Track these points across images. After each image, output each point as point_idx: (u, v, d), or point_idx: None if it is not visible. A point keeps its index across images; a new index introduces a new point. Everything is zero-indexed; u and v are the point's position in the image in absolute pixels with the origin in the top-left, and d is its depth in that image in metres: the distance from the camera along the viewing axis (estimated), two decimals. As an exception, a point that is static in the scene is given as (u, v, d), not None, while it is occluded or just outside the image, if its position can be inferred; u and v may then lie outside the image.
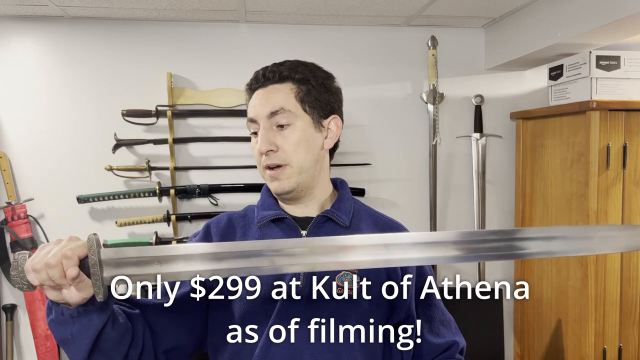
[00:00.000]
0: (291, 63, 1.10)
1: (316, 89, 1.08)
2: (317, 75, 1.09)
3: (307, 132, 1.07)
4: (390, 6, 1.85)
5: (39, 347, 1.94)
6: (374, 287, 1.05)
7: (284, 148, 1.05)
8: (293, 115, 1.06)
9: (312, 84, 1.08)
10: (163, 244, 2.01)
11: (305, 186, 1.09)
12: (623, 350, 1.70)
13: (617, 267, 1.69)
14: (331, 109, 1.10)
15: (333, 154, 1.16)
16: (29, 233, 1.96)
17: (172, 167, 2.00)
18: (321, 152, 1.09)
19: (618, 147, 1.67)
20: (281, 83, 1.07)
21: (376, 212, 1.21)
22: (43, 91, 1.98)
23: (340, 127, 1.12)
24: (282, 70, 1.08)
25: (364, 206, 1.20)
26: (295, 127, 1.06)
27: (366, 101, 2.14)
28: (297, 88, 1.07)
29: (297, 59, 1.12)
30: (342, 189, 1.18)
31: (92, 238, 0.83)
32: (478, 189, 2.16)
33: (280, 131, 1.06)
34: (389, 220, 1.19)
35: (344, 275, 1.05)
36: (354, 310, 1.05)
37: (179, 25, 2.03)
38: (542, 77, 2.18)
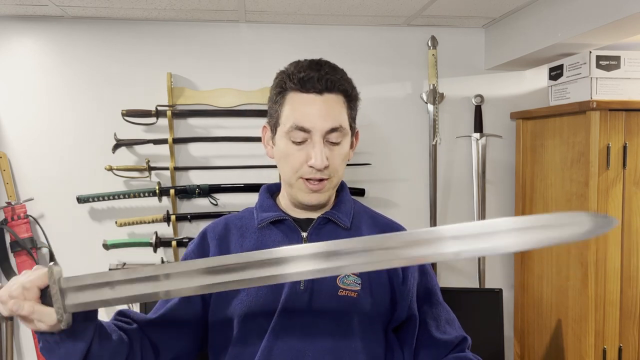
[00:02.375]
0: (336, 71, 1.07)
1: (356, 104, 1.10)
2: (355, 89, 1.11)
3: (347, 147, 1.09)
4: (390, 6, 1.85)
5: (38, 347, 1.93)
6: (375, 288, 1.06)
7: (333, 164, 1.04)
8: (346, 132, 1.06)
9: (356, 99, 1.10)
10: (163, 244, 2.01)
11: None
12: (623, 350, 1.70)
13: (617, 267, 1.69)
14: (354, 120, 1.12)
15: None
16: (28, 233, 1.96)
17: (172, 167, 2.00)
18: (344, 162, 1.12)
19: (618, 147, 1.67)
20: (336, 94, 1.04)
21: (376, 213, 1.21)
22: (43, 91, 1.98)
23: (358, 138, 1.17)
24: (338, 81, 1.04)
25: (364, 207, 1.21)
26: (344, 143, 1.06)
27: (366, 101, 2.12)
28: (347, 103, 1.06)
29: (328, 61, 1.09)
30: (342, 190, 1.18)
31: (51, 268, 0.83)
32: (478, 189, 2.16)
33: (332, 147, 1.04)
34: (389, 222, 1.20)
35: (345, 276, 1.05)
36: (355, 312, 1.05)
37: (179, 25, 2.03)
38: (542, 77, 2.18)
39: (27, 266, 1.94)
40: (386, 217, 1.21)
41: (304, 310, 1.03)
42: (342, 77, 1.07)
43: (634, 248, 1.70)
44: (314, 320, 1.03)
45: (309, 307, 1.04)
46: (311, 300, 1.03)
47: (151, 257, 2.04)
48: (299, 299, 1.04)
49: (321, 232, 1.08)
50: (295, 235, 1.09)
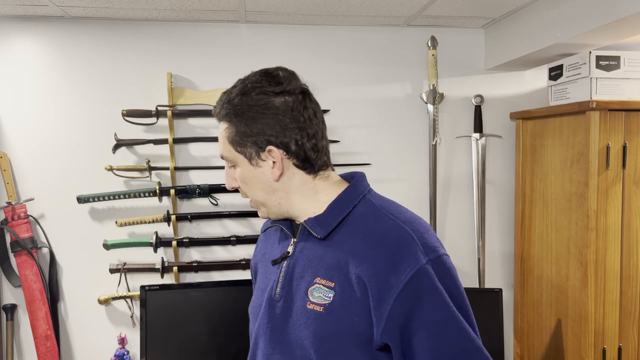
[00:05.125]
0: (225, 94, 1.04)
1: (240, 126, 1.00)
2: (240, 109, 1.00)
3: (247, 171, 1.04)
4: (390, 6, 1.85)
5: (39, 347, 1.94)
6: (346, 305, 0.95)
7: (241, 185, 1.07)
8: (232, 158, 1.05)
9: (234, 121, 1.01)
10: (163, 244, 2.01)
11: (281, 212, 1.07)
12: (623, 350, 1.70)
13: (616, 267, 1.69)
14: (265, 141, 1.00)
15: (307, 164, 1.04)
16: (29, 233, 1.96)
17: (172, 167, 2.00)
18: (274, 183, 1.03)
19: (618, 147, 1.67)
20: (222, 122, 1.04)
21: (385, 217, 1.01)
22: (43, 91, 1.98)
23: (280, 154, 1.01)
24: (222, 107, 1.03)
25: (374, 209, 1.03)
26: (239, 167, 1.05)
27: (366, 101, 2.14)
28: (227, 129, 1.03)
29: (242, 82, 1.03)
30: (346, 189, 1.06)
31: None
32: (478, 189, 2.16)
33: (234, 170, 1.07)
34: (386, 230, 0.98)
35: (316, 287, 0.99)
36: (317, 327, 0.97)
37: (179, 25, 2.03)
38: (542, 77, 2.18)
39: (27, 266, 1.94)
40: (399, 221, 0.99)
41: (278, 318, 1.04)
42: (226, 102, 1.02)
43: (634, 248, 1.70)
44: (284, 330, 1.02)
45: (281, 316, 1.03)
46: (283, 309, 1.03)
47: (151, 257, 2.04)
48: (273, 306, 1.05)
49: (307, 239, 1.05)
50: (288, 241, 1.09)
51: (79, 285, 2.03)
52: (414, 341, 0.90)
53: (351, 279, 0.95)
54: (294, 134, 1.00)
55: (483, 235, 2.17)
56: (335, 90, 2.11)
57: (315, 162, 1.04)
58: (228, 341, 1.82)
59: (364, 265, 0.94)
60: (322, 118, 1.08)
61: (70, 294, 2.03)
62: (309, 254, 1.03)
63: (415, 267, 0.91)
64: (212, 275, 2.08)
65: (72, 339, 2.04)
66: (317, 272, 1.00)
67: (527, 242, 2.08)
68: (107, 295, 2.01)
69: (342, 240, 1.00)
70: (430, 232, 0.99)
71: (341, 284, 0.96)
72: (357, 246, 0.97)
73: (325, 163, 1.07)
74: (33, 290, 1.94)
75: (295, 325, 1.00)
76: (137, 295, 2.00)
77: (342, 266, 0.97)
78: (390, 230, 0.98)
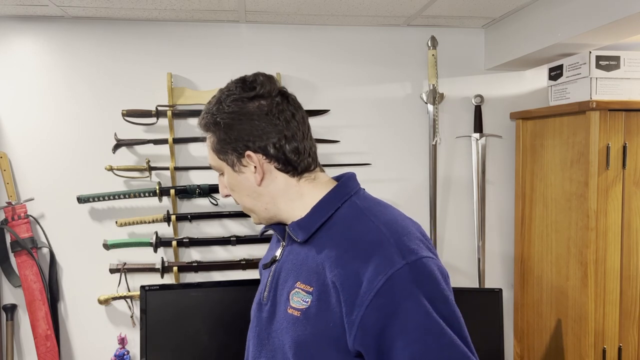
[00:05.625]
0: (206, 105, 1.06)
1: (219, 134, 1.02)
2: (217, 117, 1.01)
3: (232, 177, 1.06)
4: (390, 6, 1.85)
5: (39, 347, 1.94)
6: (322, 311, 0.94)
7: (230, 193, 1.10)
8: (218, 166, 1.07)
9: (213, 130, 1.03)
10: (163, 244, 2.01)
11: (269, 217, 1.08)
12: (623, 350, 1.70)
13: (616, 267, 1.69)
14: (243, 146, 1.00)
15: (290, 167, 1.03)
16: (29, 233, 1.96)
17: (172, 167, 2.00)
18: (258, 188, 1.03)
19: (618, 147, 1.67)
20: (206, 133, 1.07)
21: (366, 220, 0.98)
22: (43, 91, 1.98)
23: (259, 159, 1.01)
24: (203, 118, 1.06)
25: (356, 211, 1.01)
26: (225, 174, 1.07)
27: (366, 101, 2.14)
28: (209, 138, 1.06)
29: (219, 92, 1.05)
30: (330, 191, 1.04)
31: None
32: (478, 189, 2.16)
33: (223, 178, 1.10)
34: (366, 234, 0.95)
35: (296, 292, 0.98)
36: (294, 332, 0.97)
37: (179, 25, 2.03)
38: (542, 77, 2.18)
39: (27, 266, 1.94)
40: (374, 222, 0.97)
41: (264, 322, 1.06)
42: (205, 112, 1.05)
43: (634, 248, 1.70)
44: (269, 334, 1.04)
45: (267, 320, 1.05)
46: (269, 313, 1.04)
47: (151, 257, 2.04)
48: (261, 310, 1.07)
49: (292, 243, 1.07)
50: (279, 244, 1.12)
51: (79, 285, 2.03)
52: (392, 350, 0.87)
53: (328, 284, 0.93)
54: (271, 137, 1.00)
55: (483, 235, 2.17)
56: (335, 90, 2.11)
57: (298, 164, 1.03)
58: (228, 341, 1.82)
59: (337, 269, 0.93)
60: (303, 119, 1.06)
61: (70, 294, 2.03)
62: (293, 258, 1.04)
63: (389, 272, 0.88)
64: (212, 275, 2.08)
65: (72, 339, 2.04)
66: (299, 276, 1.00)
67: (527, 242, 2.08)
68: (107, 295, 2.01)
69: (322, 243, 0.99)
70: (411, 234, 0.95)
71: (319, 289, 0.95)
72: (333, 250, 0.96)
73: (310, 164, 1.05)
74: (33, 290, 1.94)
75: (278, 329, 1.01)
76: (137, 295, 2.00)
77: (320, 271, 0.96)
78: (367, 234, 0.95)
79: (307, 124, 1.07)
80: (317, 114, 2.08)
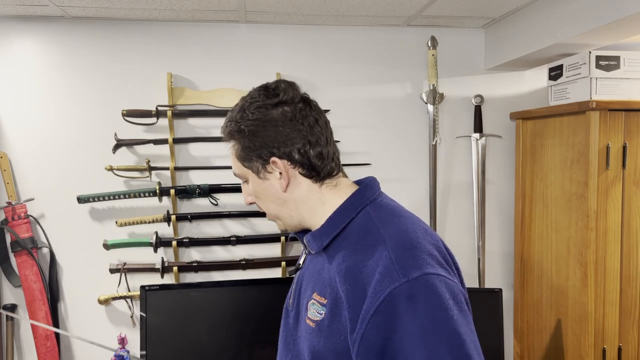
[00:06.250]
0: (229, 113, 1.07)
1: (243, 141, 1.03)
2: (242, 125, 1.02)
3: (257, 184, 1.06)
4: (390, 6, 1.85)
5: (39, 347, 1.94)
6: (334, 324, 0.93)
7: (255, 200, 1.10)
8: (242, 174, 1.08)
9: (237, 137, 1.03)
10: (163, 244, 2.01)
11: (294, 224, 1.09)
12: (622, 350, 1.70)
13: (616, 267, 1.69)
14: (268, 153, 1.01)
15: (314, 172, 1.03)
16: (29, 233, 1.96)
17: (172, 167, 2.00)
18: (283, 194, 1.04)
19: (618, 147, 1.67)
20: (227, 142, 1.08)
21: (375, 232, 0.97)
22: (43, 91, 1.98)
23: (284, 165, 1.01)
24: (226, 127, 1.06)
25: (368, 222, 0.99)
26: (250, 181, 1.07)
27: (366, 101, 2.14)
28: (233, 146, 1.06)
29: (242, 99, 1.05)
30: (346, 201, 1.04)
31: None
32: (478, 189, 2.16)
33: (247, 185, 1.10)
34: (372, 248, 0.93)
35: (312, 303, 0.99)
36: (309, 342, 0.98)
37: (179, 25, 2.03)
38: (542, 77, 2.18)
39: (27, 266, 1.94)
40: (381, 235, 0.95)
41: (291, 327, 1.08)
42: (228, 120, 1.05)
43: (634, 248, 1.70)
44: (295, 340, 1.05)
45: (293, 326, 1.07)
46: (294, 320, 1.07)
47: (151, 257, 2.04)
48: (288, 316, 1.10)
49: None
50: (305, 250, 1.14)
51: (79, 285, 2.03)
52: None
53: (340, 297, 0.93)
54: (295, 143, 1.00)
55: (483, 235, 2.17)
56: (335, 90, 2.11)
57: (321, 169, 1.03)
58: (228, 341, 1.82)
59: (346, 285, 0.92)
60: (326, 125, 1.06)
61: (70, 294, 2.03)
62: (312, 268, 1.05)
63: (388, 289, 0.86)
64: (212, 275, 2.08)
65: (72, 339, 2.04)
66: (315, 286, 1.01)
67: (527, 242, 2.08)
68: (107, 295, 2.01)
69: (336, 255, 0.99)
70: (420, 248, 0.92)
71: (332, 302, 0.95)
72: (344, 263, 0.95)
73: (333, 169, 1.05)
74: (33, 290, 1.94)
75: (300, 336, 1.03)
76: (137, 295, 2.00)
77: (333, 283, 0.96)
78: (374, 248, 0.94)
79: (330, 129, 1.08)
80: (317, 114, 2.08)
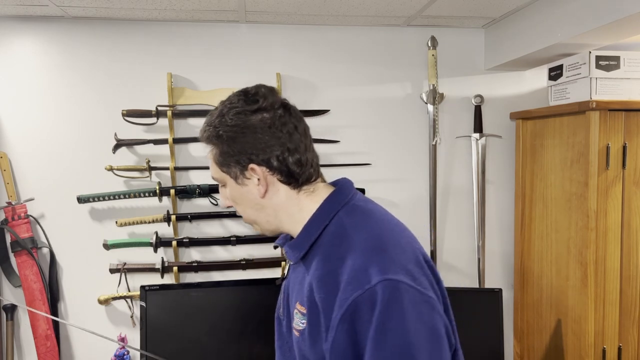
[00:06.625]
0: (208, 117, 1.06)
1: (222, 147, 1.02)
2: (220, 130, 1.01)
3: (235, 190, 1.06)
4: (390, 6, 1.85)
5: (39, 347, 1.94)
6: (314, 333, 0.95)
7: (232, 204, 1.10)
8: (220, 178, 1.07)
9: (215, 142, 1.03)
10: (163, 244, 2.01)
11: (272, 229, 1.09)
12: (622, 350, 1.70)
13: (616, 267, 1.69)
14: (246, 159, 1.00)
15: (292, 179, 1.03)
16: (29, 233, 1.96)
17: (172, 167, 2.00)
18: (261, 200, 1.03)
19: (618, 147, 1.67)
20: (207, 145, 1.07)
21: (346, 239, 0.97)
22: (43, 91, 1.98)
23: (263, 172, 1.01)
24: (204, 131, 1.06)
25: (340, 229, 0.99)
26: (228, 186, 1.07)
27: (366, 101, 2.14)
28: (211, 151, 1.06)
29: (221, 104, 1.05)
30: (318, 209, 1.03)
31: None
32: (478, 189, 2.16)
33: (225, 189, 1.10)
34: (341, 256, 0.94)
35: (295, 312, 1.01)
36: (298, 349, 1.01)
37: (179, 25, 2.03)
38: (542, 77, 2.18)
39: (27, 266, 1.94)
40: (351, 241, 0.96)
41: (285, 335, 1.10)
42: (207, 124, 1.05)
43: (634, 248, 1.70)
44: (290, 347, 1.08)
45: (286, 334, 1.09)
46: (287, 328, 1.08)
47: (151, 257, 2.04)
48: (281, 324, 1.12)
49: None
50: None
51: (79, 285, 2.03)
52: None
53: (317, 305, 0.94)
54: (274, 150, 1.00)
55: (483, 235, 2.17)
56: (335, 90, 2.11)
57: (300, 176, 1.03)
58: (228, 341, 1.82)
59: (320, 294, 0.94)
60: (305, 131, 1.06)
61: (70, 294, 2.03)
62: (295, 277, 1.07)
63: (351, 297, 0.88)
64: (212, 275, 2.08)
65: (72, 339, 2.04)
66: (298, 296, 1.02)
67: (527, 242, 2.08)
68: (107, 295, 2.01)
69: (313, 263, 0.99)
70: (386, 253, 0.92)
71: (310, 311, 0.96)
72: (317, 272, 0.96)
73: (312, 175, 1.05)
74: (33, 290, 1.94)
75: (293, 343, 1.05)
76: (137, 295, 2.00)
77: (310, 292, 0.96)
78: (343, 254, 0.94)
79: (309, 135, 1.07)
80: (317, 114, 2.08)
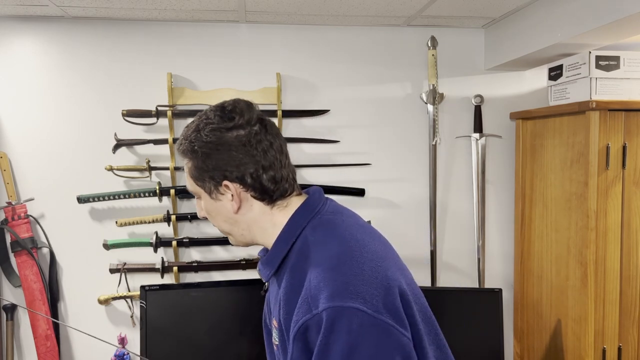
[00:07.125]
0: (185, 129, 1.07)
1: (196, 162, 1.03)
2: (195, 145, 1.02)
3: (210, 204, 1.07)
4: (390, 6, 1.85)
5: (39, 347, 1.94)
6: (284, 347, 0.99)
7: (207, 216, 1.11)
8: (195, 191, 1.08)
9: (190, 157, 1.04)
10: (163, 244, 2.01)
11: (246, 242, 1.11)
12: (622, 350, 1.70)
13: (616, 267, 1.69)
14: (221, 175, 1.01)
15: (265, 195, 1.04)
16: (29, 233, 1.96)
17: (172, 167, 2.00)
18: (235, 215, 1.05)
19: (617, 147, 1.67)
20: (184, 158, 1.08)
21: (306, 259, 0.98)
22: (43, 91, 1.98)
23: (236, 188, 1.02)
24: (180, 144, 1.07)
25: (304, 246, 1.00)
26: (202, 199, 1.08)
27: (366, 101, 2.14)
28: (187, 164, 1.07)
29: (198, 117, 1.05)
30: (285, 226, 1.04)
31: None
32: (478, 189, 2.16)
33: (200, 201, 1.10)
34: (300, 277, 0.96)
35: (273, 327, 1.05)
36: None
37: (179, 25, 2.03)
38: (542, 77, 2.18)
39: (27, 266, 1.94)
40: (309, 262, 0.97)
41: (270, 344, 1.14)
42: (183, 138, 1.05)
43: (634, 248, 1.70)
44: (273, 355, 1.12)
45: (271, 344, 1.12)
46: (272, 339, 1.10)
47: (151, 257, 2.04)
48: (270, 334, 1.13)
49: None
50: None
51: (79, 285, 2.03)
52: None
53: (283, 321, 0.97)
54: (249, 167, 1.01)
55: (483, 235, 2.17)
56: (335, 90, 2.11)
57: (274, 192, 1.04)
58: (228, 341, 1.82)
59: (283, 312, 0.97)
60: (281, 148, 1.06)
61: (70, 294, 2.03)
62: (272, 291, 1.09)
63: (301, 320, 0.90)
64: (212, 275, 2.08)
65: (72, 339, 2.04)
66: (274, 312, 1.04)
67: (527, 242, 2.08)
68: (107, 295, 2.01)
69: (282, 280, 1.01)
70: (339, 275, 0.91)
71: (279, 326, 0.99)
72: (283, 290, 0.99)
73: (287, 190, 1.06)
74: (33, 290, 1.94)
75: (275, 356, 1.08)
76: (137, 295, 2.00)
77: (279, 308, 0.99)
78: (303, 274, 0.96)
79: (286, 151, 1.08)
80: (317, 114, 2.09)
